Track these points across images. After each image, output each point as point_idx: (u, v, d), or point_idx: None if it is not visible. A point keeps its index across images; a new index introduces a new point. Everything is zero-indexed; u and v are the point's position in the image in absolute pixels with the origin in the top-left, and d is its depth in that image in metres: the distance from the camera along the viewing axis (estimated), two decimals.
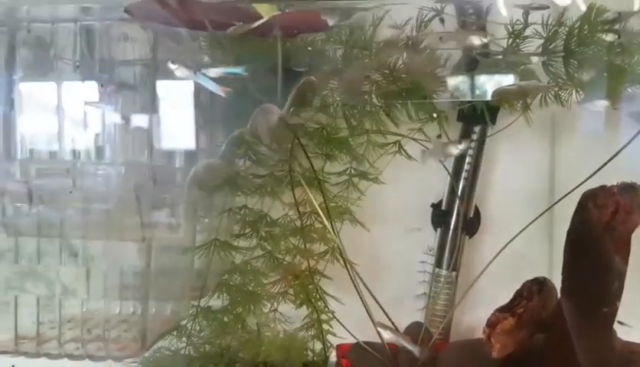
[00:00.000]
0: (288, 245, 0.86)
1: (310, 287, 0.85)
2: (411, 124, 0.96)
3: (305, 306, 0.88)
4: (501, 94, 0.80)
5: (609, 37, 0.62)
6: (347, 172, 0.96)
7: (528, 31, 0.70)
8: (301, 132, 0.86)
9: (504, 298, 0.80)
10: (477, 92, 0.84)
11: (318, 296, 0.89)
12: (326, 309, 0.89)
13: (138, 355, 0.68)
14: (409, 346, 0.72)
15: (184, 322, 0.75)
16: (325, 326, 0.90)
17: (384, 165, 0.98)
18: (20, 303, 0.63)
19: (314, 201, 0.72)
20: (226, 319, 0.77)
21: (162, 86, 0.66)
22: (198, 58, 0.67)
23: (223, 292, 0.81)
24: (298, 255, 0.85)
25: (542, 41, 0.72)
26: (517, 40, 0.71)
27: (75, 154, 0.62)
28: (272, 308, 0.82)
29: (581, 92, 0.71)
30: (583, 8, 0.37)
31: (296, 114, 0.85)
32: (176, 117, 0.68)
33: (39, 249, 0.62)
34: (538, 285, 0.75)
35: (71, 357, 0.61)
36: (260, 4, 0.55)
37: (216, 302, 0.85)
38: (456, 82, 0.84)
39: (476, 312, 1.00)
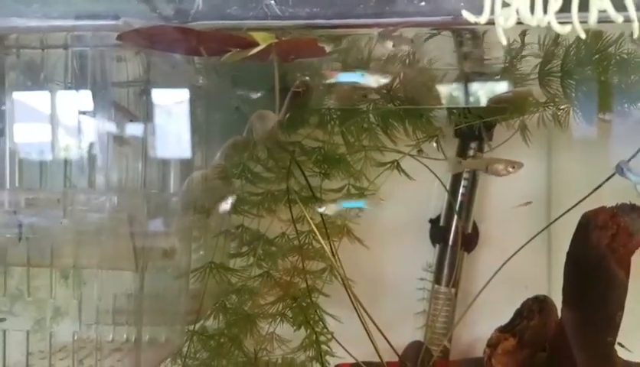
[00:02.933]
0: (286, 264, 0.85)
1: (308, 306, 0.84)
2: (408, 141, 0.96)
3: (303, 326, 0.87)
4: (497, 101, 0.79)
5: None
6: (345, 189, 0.96)
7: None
8: (298, 150, 0.85)
9: (504, 313, 0.80)
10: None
11: (316, 316, 0.88)
12: (324, 329, 0.88)
13: None
14: None
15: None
16: (325, 348, 0.89)
17: (382, 182, 0.98)
18: (9, 334, 0.61)
19: (309, 220, 0.71)
20: (222, 341, 0.76)
21: (156, 108, 0.65)
22: (193, 80, 0.67)
23: (219, 315, 0.79)
24: (296, 274, 0.83)
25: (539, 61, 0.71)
26: (514, 61, 0.71)
27: (66, 182, 0.61)
28: (270, 331, 0.80)
29: (578, 111, 0.70)
30: (583, 35, 0.36)
31: (294, 130, 0.84)
32: (169, 140, 0.67)
33: (29, 276, 0.60)
34: (539, 304, 0.74)
35: None
36: (257, 33, 0.54)
37: (213, 324, 0.84)
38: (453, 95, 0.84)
39: (476, 328, 0.99)
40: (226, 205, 0.69)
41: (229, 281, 0.84)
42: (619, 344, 0.65)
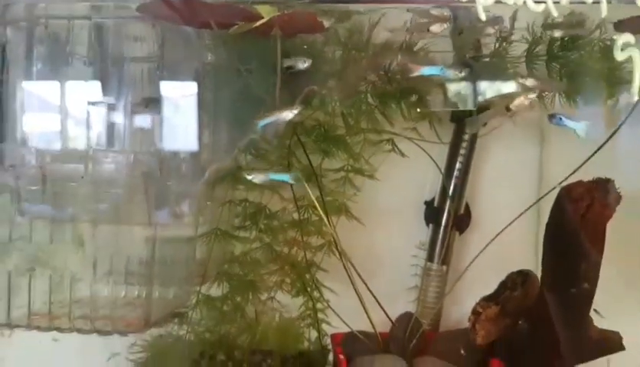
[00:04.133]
0: (287, 237, 0.90)
1: (306, 277, 0.89)
2: (405, 123, 1.00)
3: (301, 297, 0.92)
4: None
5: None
6: (345, 168, 1.00)
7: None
8: (300, 129, 0.90)
9: (491, 291, 0.84)
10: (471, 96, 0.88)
11: (313, 286, 0.93)
12: (321, 298, 0.93)
13: (143, 331, 0.72)
14: None
15: (184, 309, 0.79)
16: (321, 316, 0.94)
17: (380, 163, 1.02)
18: (32, 286, 0.67)
19: (311, 195, 0.75)
20: (225, 307, 0.81)
21: (169, 83, 0.69)
22: (203, 56, 0.71)
23: (223, 281, 0.85)
24: (296, 247, 0.88)
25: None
26: (504, 44, 0.75)
27: (88, 141, 0.66)
28: (270, 296, 0.85)
29: (563, 96, 0.75)
30: (555, 13, 0.40)
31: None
32: (181, 112, 0.72)
33: (51, 234, 0.66)
34: (522, 277, 0.79)
35: (80, 331, 0.65)
36: (261, 6, 0.58)
37: (216, 291, 0.89)
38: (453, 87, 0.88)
39: (464, 304, 1.03)
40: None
41: (232, 251, 0.89)
42: (594, 310, 0.70)
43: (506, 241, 0.88)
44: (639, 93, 0.49)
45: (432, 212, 1.06)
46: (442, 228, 1.04)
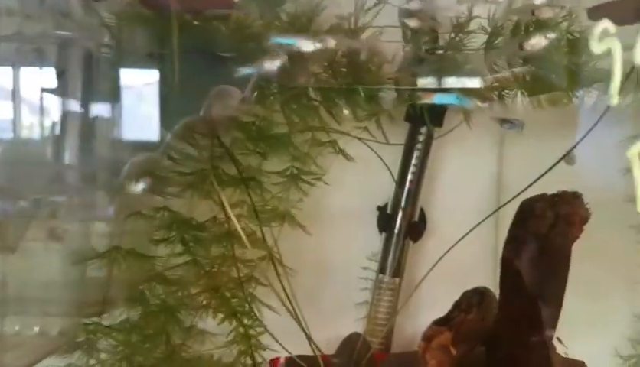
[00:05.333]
0: (214, 251, 0.78)
1: (238, 298, 0.78)
2: (356, 123, 0.91)
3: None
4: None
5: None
6: (288, 172, 0.90)
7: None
8: (235, 125, 0.79)
9: (449, 305, 0.76)
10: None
11: (248, 307, 0.83)
12: (256, 321, 0.82)
13: None
14: None
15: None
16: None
17: (329, 165, 0.93)
18: None
19: (225, 202, 0.64)
20: (134, 338, 0.68)
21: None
22: (98, 36, 0.58)
23: (134, 306, 0.72)
24: (225, 263, 0.77)
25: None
26: (461, 35, 0.66)
27: None
28: (191, 324, 0.74)
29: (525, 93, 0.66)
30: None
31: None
32: (64, 107, 0.59)
33: None
34: (478, 296, 0.70)
35: None
36: None
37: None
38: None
39: (419, 320, 0.96)
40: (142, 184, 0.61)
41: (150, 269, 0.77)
42: (557, 339, 0.62)
43: (464, 250, 0.82)
44: (618, 93, 0.40)
45: (385, 219, 0.97)
46: (395, 236, 0.95)
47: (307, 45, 0.61)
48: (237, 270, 0.80)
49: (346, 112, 0.78)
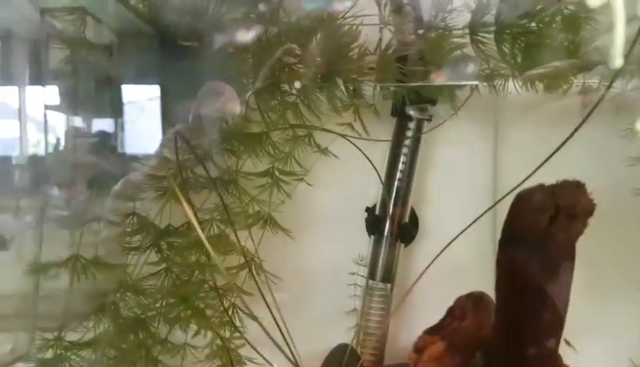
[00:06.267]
0: (188, 259, 0.72)
1: (214, 309, 0.72)
2: (339, 119, 0.86)
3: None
4: (533, 78, 0.65)
5: None
6: (270, 172, 0.84)
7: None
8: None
9: (444, 311, 0.70)
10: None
11: (229, 318, 0.77)
12: (237, 333, 0.76)
13: None
14: None
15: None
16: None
17: (313, 164, 0.87)
18: None
19: (186, 207, 0.58)
20: (98, 354, 0.62)
21: None
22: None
23: (101, 319, 0.66)
24: (198, 271, 0.71)
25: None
26: (443, 14, 0.60)
27: None
28: (163, 338, 0.67)
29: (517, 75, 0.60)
30: None
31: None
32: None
33: None
34: (473, 302, 0.64)
35: None
36: None
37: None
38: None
39: (414, 328, 0.89)
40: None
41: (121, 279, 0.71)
42: (565, 341, 0.55)
43: (460, 252, 0.75)
44: (622, 56, 0.34)
45: (373, 221, 0.91)
46: (384, 238, 0.89)
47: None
48: (214, 279, 0.74)
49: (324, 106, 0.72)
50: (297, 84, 0.64)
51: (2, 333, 0.55)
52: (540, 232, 0.47)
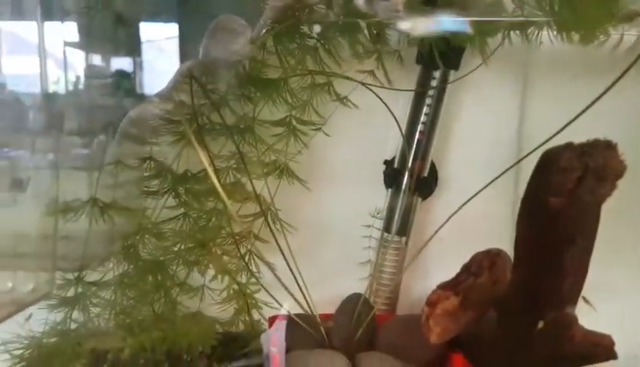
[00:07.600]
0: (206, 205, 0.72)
1: (231, 255, 0.73)
2: (361, 66, 0.82)
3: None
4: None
5: None
6: (287, 120, 0.83)
7: None
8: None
9: (460, 266, 0.70)
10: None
11: (245, 264, 0.78)
12: (252, 279, 0.77)
13: None
14: None
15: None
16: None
17: (331, 113, 0.85)
18: None
19: (202, 155, 0.57)
20: (121, 291, 0.64)
21: None
22: None
23: (123, 261, 0.67)
24: (215, 218, 0.71)
25: None
26: None
27: None
28: (181, 281, 0.69)
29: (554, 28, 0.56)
30: None
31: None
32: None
33: None
34: (490, 259, 0.63)
35: None
36: None
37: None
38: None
39: (428, 282, 0.90)
40: None
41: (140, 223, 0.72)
42: (583, 298, 0.54)
43: (479, 208, 0.73)
44: None
45: (392, 174, 0.89)
46: (402, 192, 0.87)
47: None
48: (230, 225, 0.74)
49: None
50: (317, 27, 0.61)
51: (23, 273, 0.56)
52: (566, 193, 0.45)
